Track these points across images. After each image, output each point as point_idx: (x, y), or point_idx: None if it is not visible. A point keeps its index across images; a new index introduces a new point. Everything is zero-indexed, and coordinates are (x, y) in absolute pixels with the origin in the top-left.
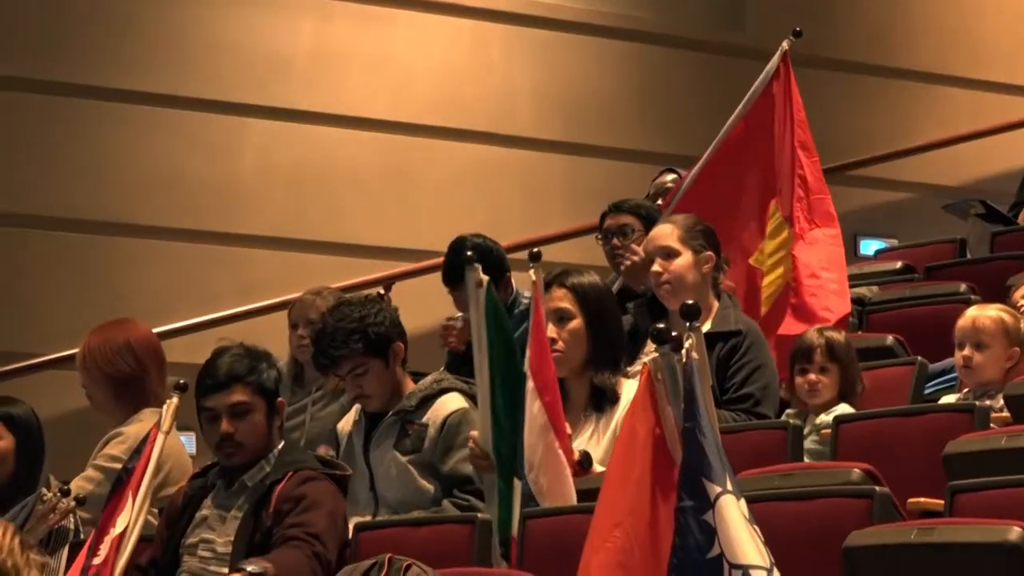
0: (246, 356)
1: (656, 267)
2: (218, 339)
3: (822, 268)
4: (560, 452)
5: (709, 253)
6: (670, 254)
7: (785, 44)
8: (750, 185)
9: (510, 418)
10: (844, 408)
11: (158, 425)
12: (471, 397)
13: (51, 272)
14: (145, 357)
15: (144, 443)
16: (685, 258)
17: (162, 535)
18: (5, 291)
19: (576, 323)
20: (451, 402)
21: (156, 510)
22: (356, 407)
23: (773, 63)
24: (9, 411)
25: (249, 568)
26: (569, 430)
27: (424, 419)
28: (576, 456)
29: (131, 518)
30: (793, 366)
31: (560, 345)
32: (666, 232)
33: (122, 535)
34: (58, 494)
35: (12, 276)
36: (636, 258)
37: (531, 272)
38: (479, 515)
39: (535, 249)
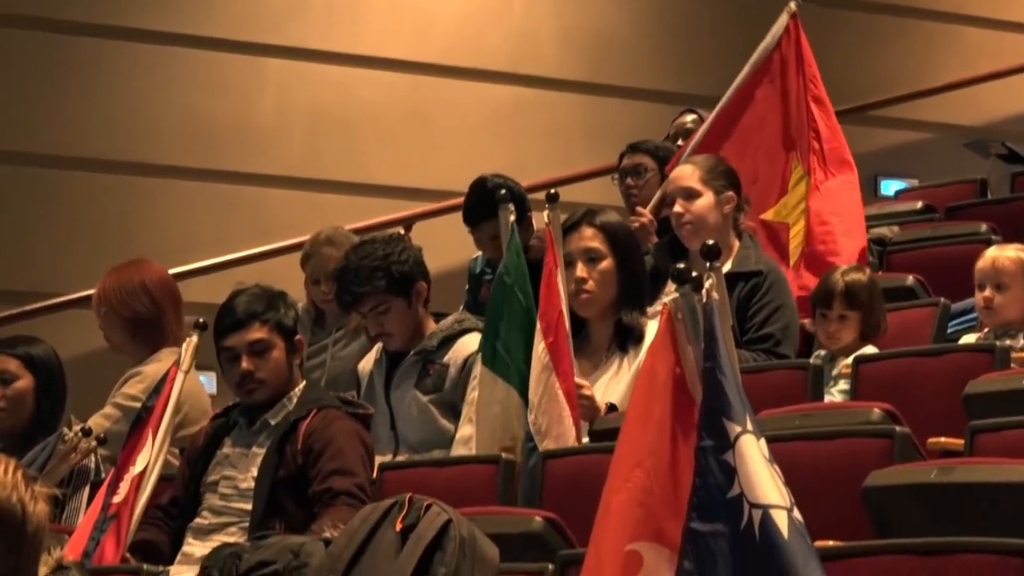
0: (263, 295)
1: (677, 208)
2: (236, 282)
3: (832, 213)
4: (560, 393)
5: (730, 193)
6: (691, 195)
7: (793, 5)
8: (762, 144)
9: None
10: (870, 350)
11: (177, 364)
12: None
13: (69, 212)
14: (161, 297)
15: (163, 382)
16: (706, 198)
17: (183, 474)
18: (23, 231)
19: (607, 263)
20: (472, 342)
21: (176, 450)
22: (377, 347)
23: (780, 23)
24: (28, 351)
25: (326, 534)
26: (584, 382)
27: (445, 359)
28: (603, 411)
29: (151, 457)
30: (815, 308)
31: (590, 285)
32: (687, 173)
33: (142, 474)
34: (79, 434)
35: (30, 216)
36: (645, 220)
37: (544, 213)
38: (504, 455)
39: (552, 191)
